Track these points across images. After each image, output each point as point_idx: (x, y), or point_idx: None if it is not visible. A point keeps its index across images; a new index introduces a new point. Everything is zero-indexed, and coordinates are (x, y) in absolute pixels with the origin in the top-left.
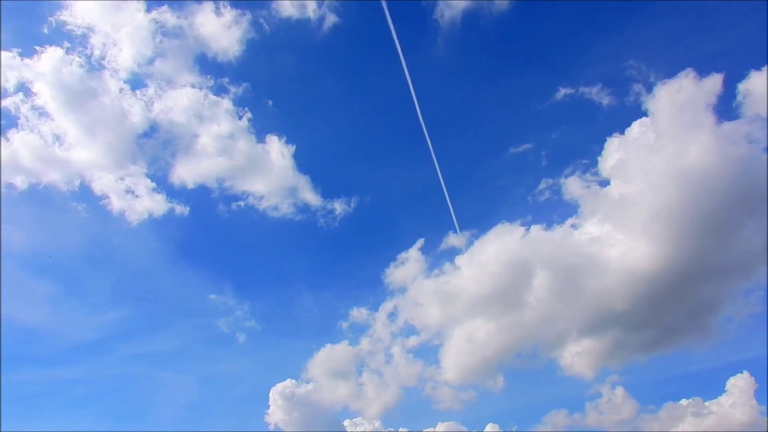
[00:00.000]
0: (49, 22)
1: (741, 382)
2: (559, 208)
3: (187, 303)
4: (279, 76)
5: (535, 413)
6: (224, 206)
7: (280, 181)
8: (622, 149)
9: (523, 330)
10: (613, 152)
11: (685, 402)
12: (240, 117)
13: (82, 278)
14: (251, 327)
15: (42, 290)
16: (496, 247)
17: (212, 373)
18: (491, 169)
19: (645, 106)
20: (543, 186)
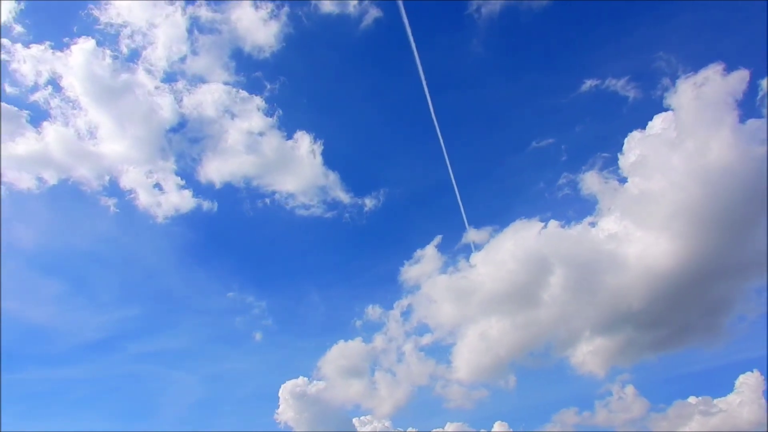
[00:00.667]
0: (80, 17)
1: (750, 380)
2: (578, 204)
3: (203, 301)
4: (312, 73)
5: (545, 412)
6: (250, 203)
7: (307, 178)
8: (643, 145)
9: (537, 328)
10: (634, 147)
11: (694, 400)
12: (271, 114)
13: (98, 275)
14: (267, 325)
15: (53, 288)
16: (513, 244)
17: (223, 371)
18: (513, 165)
19: (667, 101)
20: (563, 181)
